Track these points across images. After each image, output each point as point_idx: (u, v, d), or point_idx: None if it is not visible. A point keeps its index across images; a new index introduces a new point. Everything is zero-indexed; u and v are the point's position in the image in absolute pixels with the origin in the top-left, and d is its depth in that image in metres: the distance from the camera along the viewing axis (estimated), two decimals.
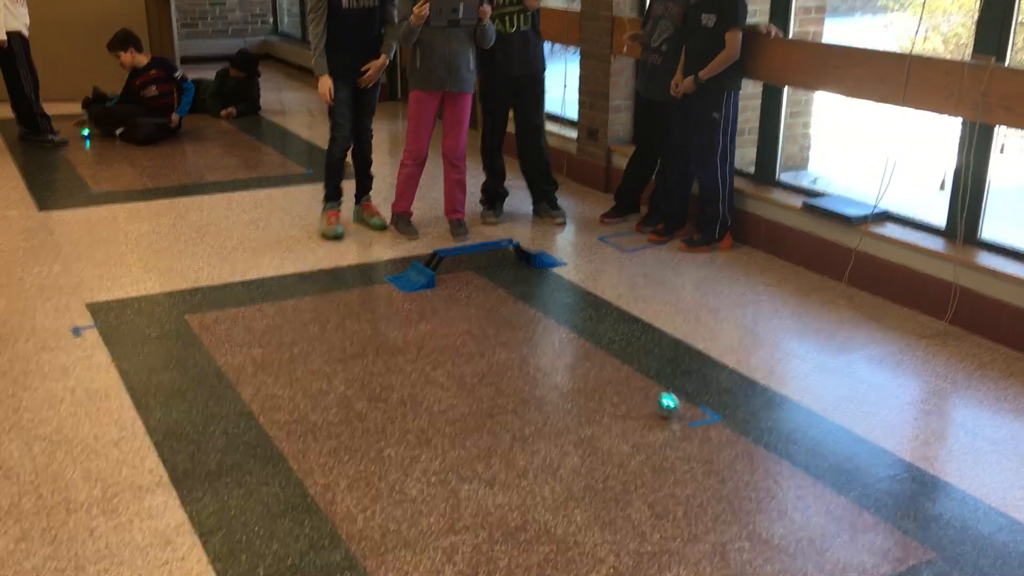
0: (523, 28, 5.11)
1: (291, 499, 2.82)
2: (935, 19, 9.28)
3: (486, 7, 4.70)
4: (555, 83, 5.86)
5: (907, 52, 4.17)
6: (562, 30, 6.23)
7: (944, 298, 4.11)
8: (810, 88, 4.88)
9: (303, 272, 4.65)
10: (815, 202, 4.71)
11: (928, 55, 4.38)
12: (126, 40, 7.20)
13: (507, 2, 5.06)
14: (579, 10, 6.05)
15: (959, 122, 4.08)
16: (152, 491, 2.85)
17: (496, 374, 3.62)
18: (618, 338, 3.95)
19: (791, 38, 4.87)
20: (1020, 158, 6.45)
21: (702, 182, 4.92)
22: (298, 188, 6.14)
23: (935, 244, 4.21)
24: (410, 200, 5.18)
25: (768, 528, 2.71)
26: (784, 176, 5.19)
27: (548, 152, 5.50)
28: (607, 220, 5.48)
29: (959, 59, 4.05)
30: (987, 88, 3.84)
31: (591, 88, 6.04)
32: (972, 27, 4.12)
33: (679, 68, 4.87)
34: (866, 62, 4.34)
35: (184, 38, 11.17)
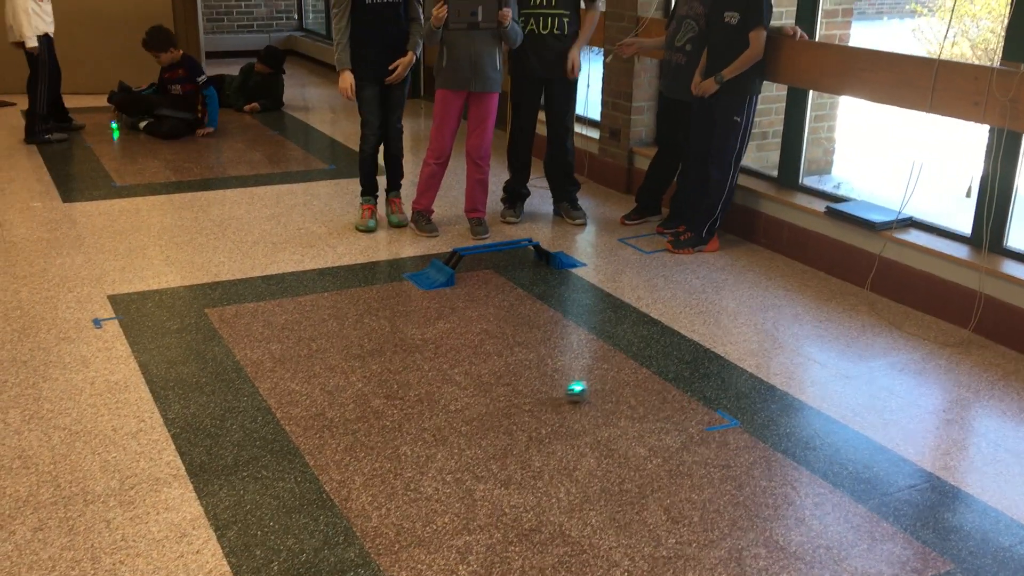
0: (557, 31, 5.08)
1: (306, 495, 2.82)
2: (963, 24, 9.19)
3: (506, 10, 4.67)
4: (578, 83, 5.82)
5: (935, 57, 4.13)
6: None
7: (968, 306, 4.06)
8: (835, 92, 4.83)
9: (323, 268, 4.66)
10: (838, 207, 4.67)
11: (956, 60, 4.33)
12: (165, 40, 7.20)
13: (543, 3, 5.03)
14: (603, 10, 6.03)
15: (986, 129, 4.03)
16: (169, 484, 2.86)
17: (513, 374, 3.61)
18: (636, 340, 3.94)
19: (817, 41, 4.83)
20: None
21: (711, 179, 4.88)
22: (320, 184, 6.16)
23: (960, 252, 4.16)
24: (431, 198, 5.18)
25: (785, 535, 2.69)
26: (807, 180, 5.15)
27: (575, 154, 5.50)
28: (628, 221, 5.46)
29: (988, 64, 4.00)
30: (1016, 95, 3.79)
31: (614, 88, 6.02)
32: (1001, 33, 4.07)
33: (699, 68, 4.84)
34: (893, 66, 4.29)
35: (209, 33, 11.24)
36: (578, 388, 3.43)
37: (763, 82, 4.83)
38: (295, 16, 12.05)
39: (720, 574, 2.52)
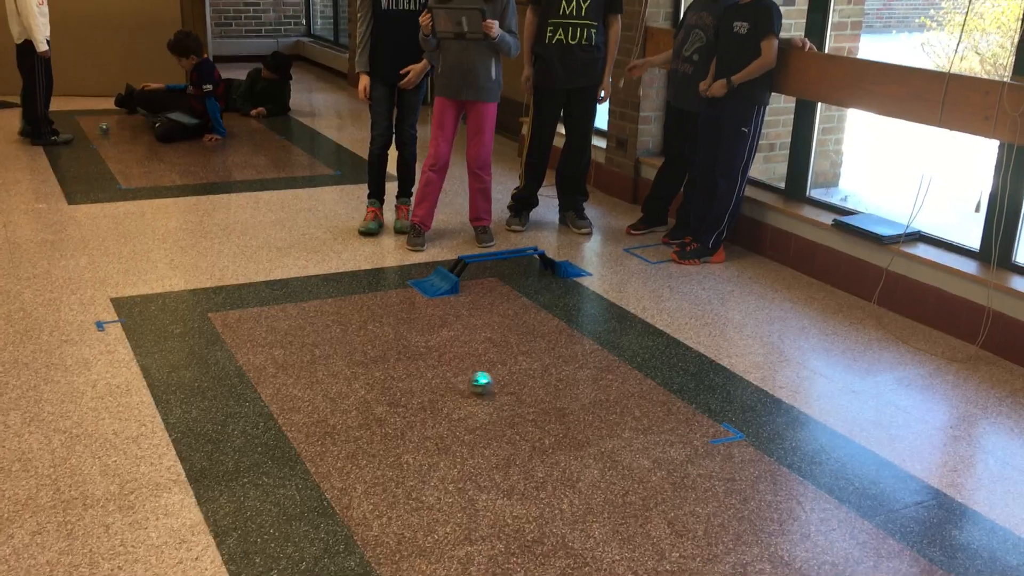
0: (585, 41, 5.04)
1: (307, 502, 2.80)
2: (973, 39, 9.17)
3: (490, 22, 4.60)
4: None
5: (945, 70, 4.11)
6: None
7: (976, 322, 4.03)
8: (844, 105, 4.81)
9: (327, 273, 4.65)
10: (846, 220, 4.65)
11: (966, 74, 4.31)
12: (188, 46, 7.21)
13: (573, 13, 5.00)
14: None
15: (996, 143, 4.01)
16: (169, 489, 2.84)
17: (517, 383, 3.59)
18: (641, 351, 3.91)
19: (826, 53, 4.82)
20: None
21: (718, 190, 4.86)
22: (325, 189, 6.15)
23: (968, 266, 4.14)
24: (427, 209, 5.06)
25: (790, 551, 2.66)
26: (815, 192, 5.13)
27: (589, 165, 5.47)
28: (634, 231, 5.44)
29: (999, 79, 3.98)
30: None
31: (621, 98, 6.01)
32: (1012, 47, 4.05)
33: (709, 78, 4.82)
34: (903, 80, 4.27)
35: (218, 37, 11.27)
36: (483, 380, 3.47)
37: (771, 94, 4.81)
38: (303, 22, 12.07)
39: None
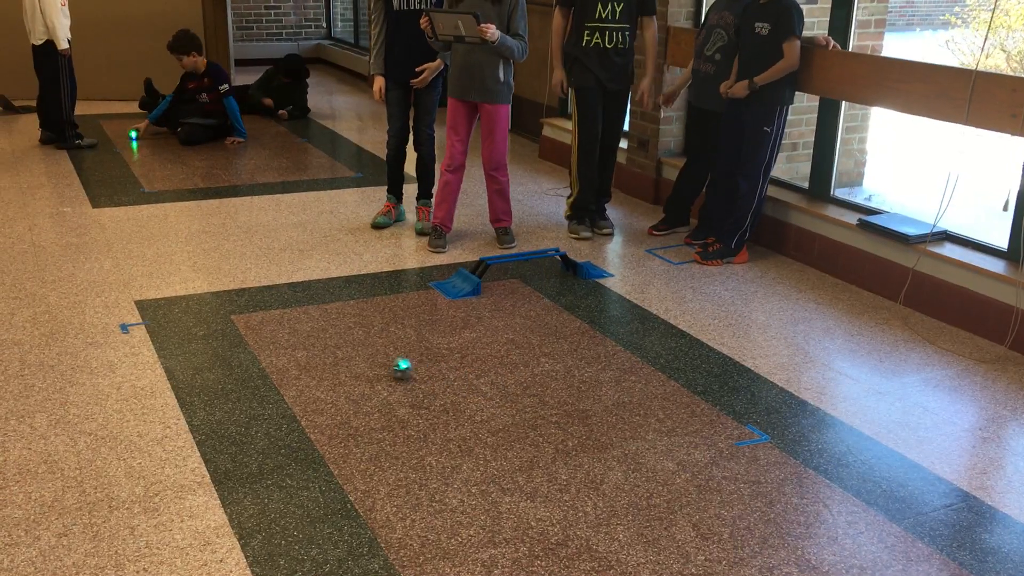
0: (621, 45, 5.03)
1: (331, 504, 2.79)
2: (998, 36, 9.07)
3: (484, 26, 4.54)
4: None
5: (971, 68, 4.06)
6: None
7: (1005, 322, 3.98)
8: (868, 103, 4.76)
9: (349, 275, 4.65)
10: (871, 219, 4.60)
11: (993, 71, 4.26)
12: (189, 43, 7.22)
13: (608, 17, 4.97)
14: None
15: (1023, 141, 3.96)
16: (193, 491, 2.84)
17: (540, 385, 3.58)
18: (665, 352, 3.89)
19: (850, 51, 4.77)
20: None
21: (740, 190, 4.83)
22: (346, 191, 6.16)
23: (996, 266, 4.09)
24: (446, 211, 5.07)
25: (817, 554, 2.63)
26: (839, 192, 5.08)
27: (614, 166, 5.44)
28: (656, 232, 5.41)
29: None
30: None
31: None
32: None
33: (731, 79, 4.79)
34: (928, 78, 4.23)
35: (239, 41, 11.32)
36: (404, 365, 3.55)
37: (794, 93, 4.77)
38: (323, 24, 12.11)
39: None
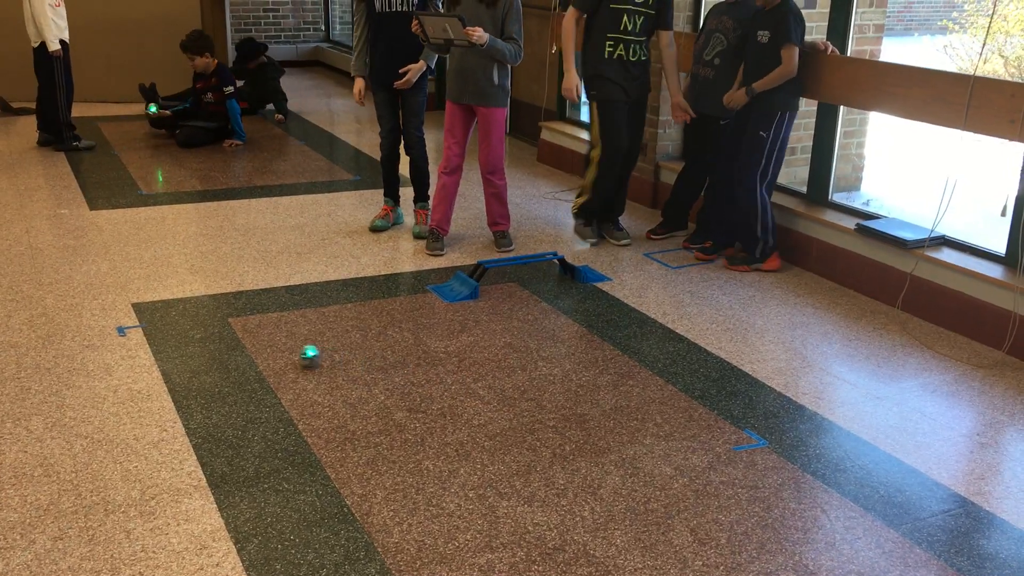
0: (643, 58, 4.99)
1: (327, 508, 2.79)
2: (996, 41, 9.08)
3: (470, 29, 4.54)
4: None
5: (969, 73, 4.06)
6: None
7: (1002, 327, 3.98)
8: (866, 108, 4.77)
9: (346, 279, 4.65)
10: (869, 224, 4.60)
11: (991, 77, 4.26)
12: (203, 44, 7.22)
13: (632, 30, 4.87)
14: None
15: (1022, 146, 3.96)
16: (190, 494, 2.83)
17: (537, 389, 3.57)
18: (662, 356, 3.88)
19: (848, 56, 4.77)
20: None
21: (738, 200, 4.82)
22: (344, 194, 6.15)
23: (994, 271, 4.09)
24: (443, 213, 5.08)
25: (815, 560, 2.62)
26: (837, 196, 5.08)
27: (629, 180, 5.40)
28: (654, 236, 5.41)
29: None
30: None
31: None
32: None
33: (735, 85, 4.79)
34: (926, 83, 4.23)
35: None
36: (311, 353, 3.62)
37: (799, 101, 4.74)
38: (322, 27, 12.11)
39: None
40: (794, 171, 5.71)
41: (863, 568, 2.59)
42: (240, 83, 8.18)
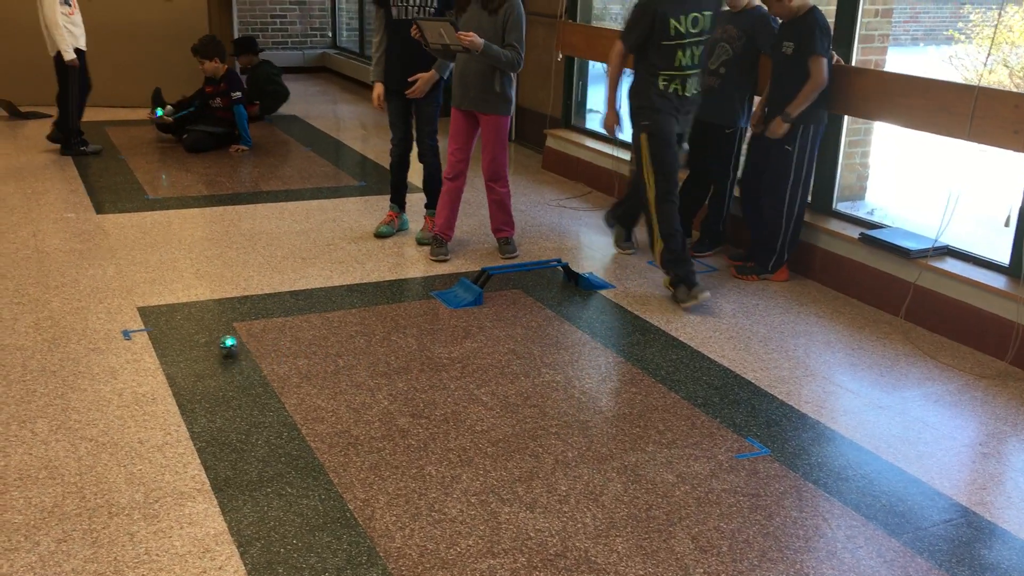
0: (697, 92, 4.63)
1: (330, 513, 2.80)
2: (1002, 52, 9.09)
3: (462, 33, 4.55)
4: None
5: (974, 84, 4.07)
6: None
7: (1006, 337, 3.98)
8: (871, 118, 4.78)
9: (351, 284, 4.66)
10: (873, 233, 4.61)
11: (996, 87, 4.27)
12: (214, 49, 7.26)
13: (687, 64, 4.51)
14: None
15: None
16: (193, 498, 2.85)
17: (540, 395, 3.58)
18: (665, 364, 3.89)
19: (853, 66, 4.78)
20: None
21: (766, 211, 4.82)
22: (350, 200, 6.17)
23: (998, 282, 4.09)
24: (446, 219, 5.09)
25: (816, 568, 2.63)
26: (841, 206, 5.09)
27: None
28: None
29: None
30: None
31: None
32: None
33: (762, 101, 4.78)
34: (931, 93, 4.24)
35: None
36: (229, 343, 3.75)
37: (824, 113, 4.66)
38: (329, 34, 12.16)
39: None
40: None
41: None
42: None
